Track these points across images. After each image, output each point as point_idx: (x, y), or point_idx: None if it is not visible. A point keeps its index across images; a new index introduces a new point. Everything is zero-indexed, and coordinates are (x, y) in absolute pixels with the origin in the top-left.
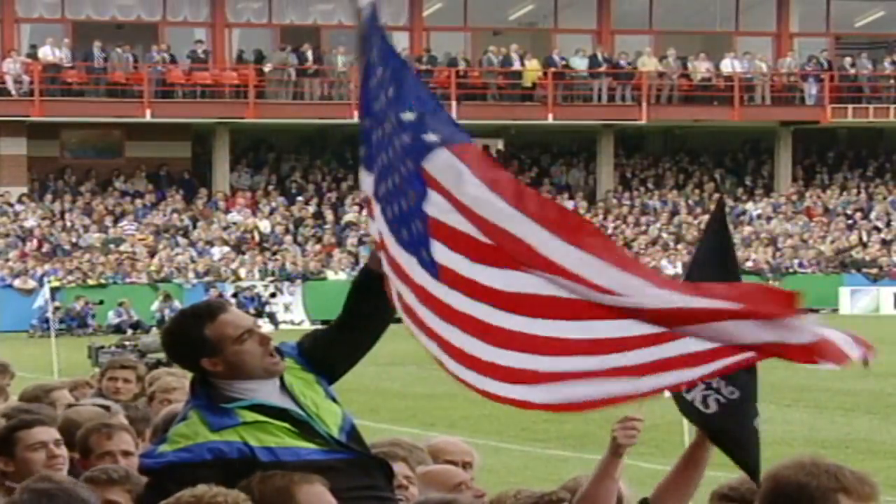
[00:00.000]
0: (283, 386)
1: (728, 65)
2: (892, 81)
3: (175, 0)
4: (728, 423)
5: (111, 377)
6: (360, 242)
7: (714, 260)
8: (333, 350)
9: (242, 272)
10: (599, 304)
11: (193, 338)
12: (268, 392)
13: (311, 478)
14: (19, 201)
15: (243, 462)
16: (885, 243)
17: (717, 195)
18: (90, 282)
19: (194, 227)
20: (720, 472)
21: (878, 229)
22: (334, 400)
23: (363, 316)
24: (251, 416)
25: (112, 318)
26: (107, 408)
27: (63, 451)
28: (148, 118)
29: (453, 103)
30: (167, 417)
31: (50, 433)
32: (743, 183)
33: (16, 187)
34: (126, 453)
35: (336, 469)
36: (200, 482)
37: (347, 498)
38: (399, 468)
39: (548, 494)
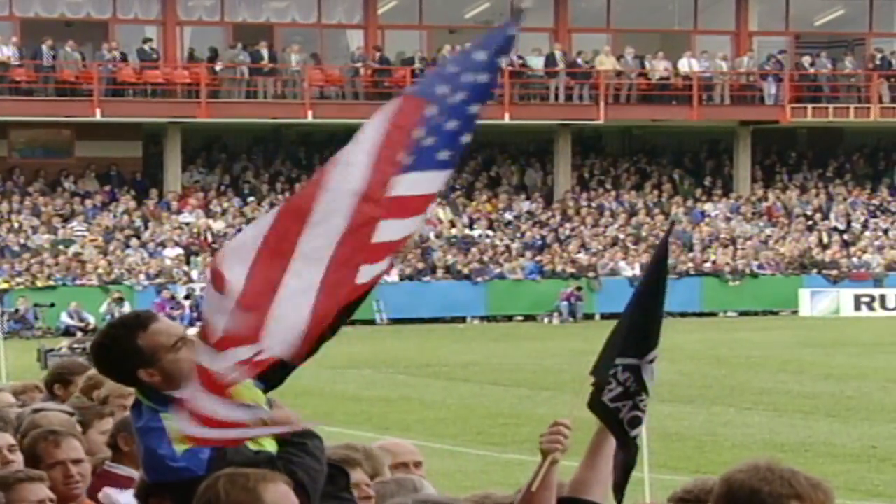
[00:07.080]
0: None
1: (686, 64)
2: (851, 81)
3: None
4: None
5: (60, 382)
6: None
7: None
8: None
9: (195, 274)
10: None
11: (126, 349)
12: None
13: (275, 476)
14: None
15: (219, 457)
16: (845, 245)
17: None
18: (39, 283)
19: (145, 228)
20: (678, 475)
21: (838, 230)
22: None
23: None
24: None
25: (65, 319)
26: (71, 414)
27: (17, 456)
28: (98, 117)
29: None
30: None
31: (5, 438)
32: (702, 183)
33: None
34: (76, 461)
35: None
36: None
37: None
38: (357, 475)
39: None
